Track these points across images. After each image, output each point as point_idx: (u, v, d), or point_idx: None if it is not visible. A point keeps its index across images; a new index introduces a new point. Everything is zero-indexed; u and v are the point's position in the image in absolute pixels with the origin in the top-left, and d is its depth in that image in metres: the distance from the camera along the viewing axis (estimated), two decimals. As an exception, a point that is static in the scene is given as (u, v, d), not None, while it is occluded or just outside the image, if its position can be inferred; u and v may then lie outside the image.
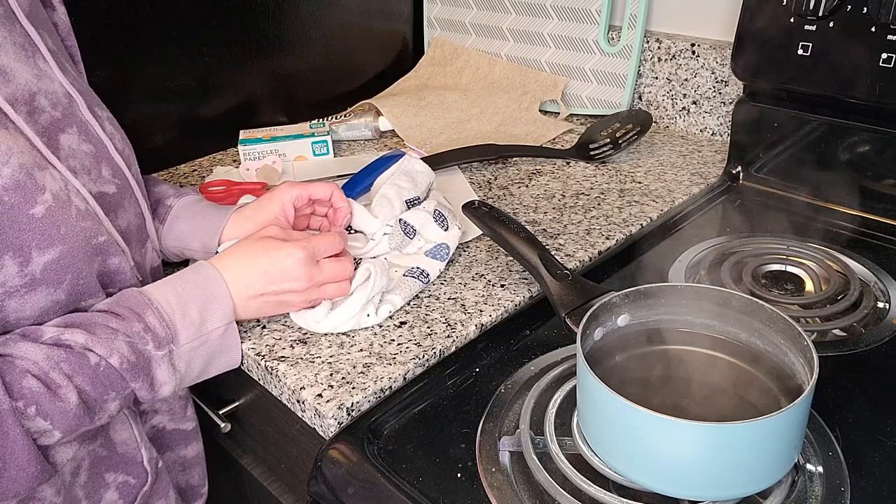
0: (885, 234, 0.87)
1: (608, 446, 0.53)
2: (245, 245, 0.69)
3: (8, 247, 0.54)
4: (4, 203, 0.54)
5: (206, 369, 0.66)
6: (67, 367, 0.56)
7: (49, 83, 0.62)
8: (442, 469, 0.58)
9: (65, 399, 0.55)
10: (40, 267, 0.56)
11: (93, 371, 0.57)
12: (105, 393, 0.58)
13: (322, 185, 0.79)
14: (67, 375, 0.55)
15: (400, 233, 0.81)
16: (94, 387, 0.57)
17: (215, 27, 1.13)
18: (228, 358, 0.67)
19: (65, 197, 0.58)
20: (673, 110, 1.20)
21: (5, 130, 0.56)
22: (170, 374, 0.61)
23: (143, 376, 0.60)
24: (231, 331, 0.66)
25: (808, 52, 0.86)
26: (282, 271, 0.67)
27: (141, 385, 0.60)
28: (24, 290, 0.56)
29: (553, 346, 0.70)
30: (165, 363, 0.61)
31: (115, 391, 0.58)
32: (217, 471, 0.86)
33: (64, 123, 0.62)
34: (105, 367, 0.57)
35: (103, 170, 0.65)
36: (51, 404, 0.54)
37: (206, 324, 0.64)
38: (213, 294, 0.65)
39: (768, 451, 0.49)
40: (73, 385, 0.56)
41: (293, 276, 0.68)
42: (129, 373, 0.58)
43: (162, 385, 0.61)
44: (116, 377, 0.58)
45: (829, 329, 0.72)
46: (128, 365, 0.58)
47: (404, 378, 0.68)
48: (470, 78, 1.36)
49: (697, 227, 0.92)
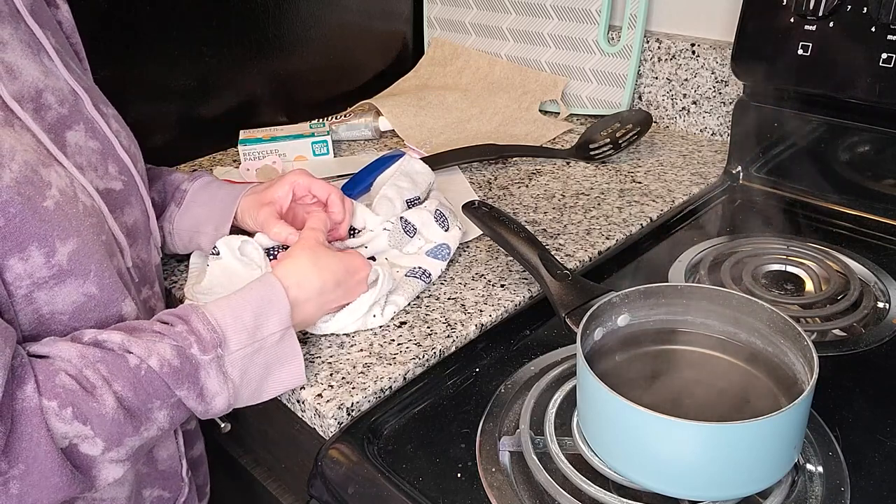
0: (885, 234, 0.87)
1: (608, 446, 0.53)
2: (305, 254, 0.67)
3: (32, 237, 0.54)
4: (23, 195, 0.53)
5: (266, 383, 0.62)
6: (105, 368, 0.53)
7: (55, 80, 0.62)
8: (442, 469, 0.57)
9: (101, 401, 0.52)
10: (66, 257, 0.56)
11: (133, 374, 0.54)
12: (149, 400, 0.55)
13: (325, 185, 0.79)
14: (104, 378, 0.53)
15: (400, 230, 0.81)
16: (137, 393, 0.54)
17: (215, 27, 1.13)
18: (290, 371, 0.63)
19: (71, 193, 0.58)
20: (673, 110, 1.20)
21: (10, 128, 0.56)
22: (221, 383, 0.58)
23: (190, 384, 0.56)
24: (289, 337, 0.62)
25: (808, 52, 0.86)
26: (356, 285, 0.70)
27: (188, 394, 0.56)
28: (54, 282, 0.56)
29: (553, 346, 0.70)
30: (214, 370, 0.57)
31: (159, 399, 0.55)
32: (217, 471, 0.86)
33: (71, 120, 0.62)
34: (146, 370, 0.54)
35: (110, 167, 0.65)
36: (86, 406, 0.51)
37: (262, 328, 0.60)
38: (269, 299, 0.62)
39: (768, 451, 0.49)
40: (111, 389, 0.53)
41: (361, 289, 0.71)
42: (172, 378, 0.55)
43: (214, 396, 0.58)
44: (159, 383, 0.55)
45: (829, 329, 0.72)
46: (169, 369, 0.55)
47: (404, 378, 0.68)
48: (470, 78, 1.36)
49: (697, 227, 0.92)
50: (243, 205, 0.78)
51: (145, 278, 0.70)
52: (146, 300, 0.70)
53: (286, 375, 0.63)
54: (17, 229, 0.53)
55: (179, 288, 0.81)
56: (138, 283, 0.68)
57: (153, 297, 0.71)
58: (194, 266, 0.81)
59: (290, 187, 0.78)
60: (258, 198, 0.78)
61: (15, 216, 0.53)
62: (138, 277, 0.68)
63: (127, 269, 0.66)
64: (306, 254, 0.67)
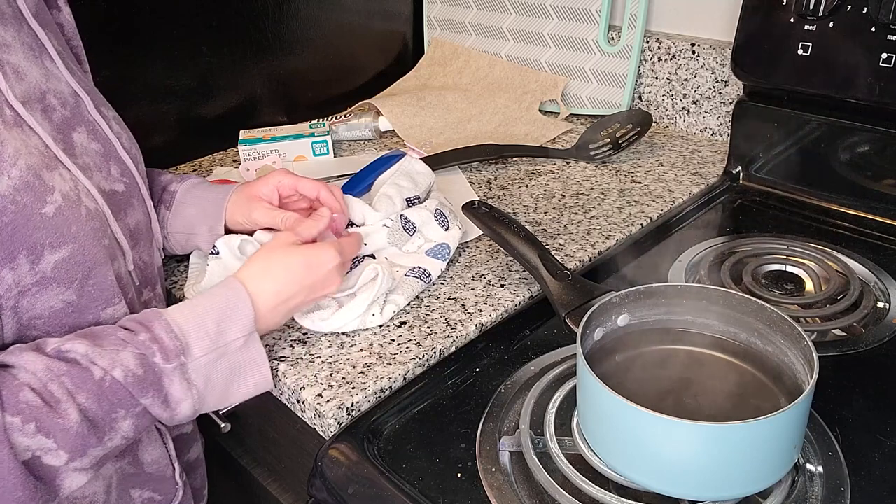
0: (885, 234, 0.87)
1: (608, 446, 0.53)
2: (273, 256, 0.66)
3: (22, 246, 0.54)
4: (18, 203, 0.53)
5: (231, 388, 0.62)
6: (70, 381, 0.53)
7: (57, 83, 0.62)
8: (442, 469, 0.57)
9: (64, 416, 0.52)
10: (51, 265, 0.56)
11: (97, 387, 0.54)
12: (112, 411, 0.55)
13: (312, 182, 0.78)
14: (69, 391, 0.53)
15: (399, 228, 0.81)
16: (100, 404, 0.54)
17: (215, 27, 1.13)
18: (256, 377, 0.63)
19: (75, 197, 0.58)
20: (673, 110, 1.20)
21: (18, 130, 0.56)
22: (185, 390, 0.58)
23: (154, 391, 0.56)
24: (253, 343, 0.62)
25: (808, 52, 0.86)
26: (323, 278, 0.67)
27: (153, 401, 0.56)
28: (36, 289, 0.56)
29: (553, 346, 0.70)
30: (178, 377, 0.57)
31: (123, 409, 0.55)
32: (217, 471, 0.86)
33: (74, 122, 0.62)
34: (110, 381, 0.54)
35: (112, 168, 0.65)
36: (49, 420, 0.51)
37: (224, 335, 0.60)
38: (232, 305, 0.62)
39: (768, 451, 0.49)
40: (75, 402, 0.53)
41: (332, 280, 0.68)
42: (136, 387, 0.55)
43: (179, 403, 0.58)
44: (123, 393, 0.55)
45: (829, 329, 0.72)
46: (133, 379, 0.55)
47: (404, 378, 0.68)
48: (470, 78, 1.36)
49: (697, 227, 0.92)
50: (232, 204, 0.78)
51: (147, 280, 0.69)
52: (147, 302, 0.70)
53: (252, 380, 0.63)
54: (8, 239, 0.53)
55: (179, 288, 0.81)
56: (139, 286, 0.68)
57: (155, 299, 0.71)
58: (194, 266, 0.81)
59: (274, 186, 0.78)
60: (245, 195, 0.78)
61: (7, 225, 0.53)
62: (140, 280, 0.68)
63: (128, 272, 0.65)
64: (268, 255, 0.67)
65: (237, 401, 0.63)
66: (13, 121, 0.56)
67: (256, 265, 0.66)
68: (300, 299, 0.67)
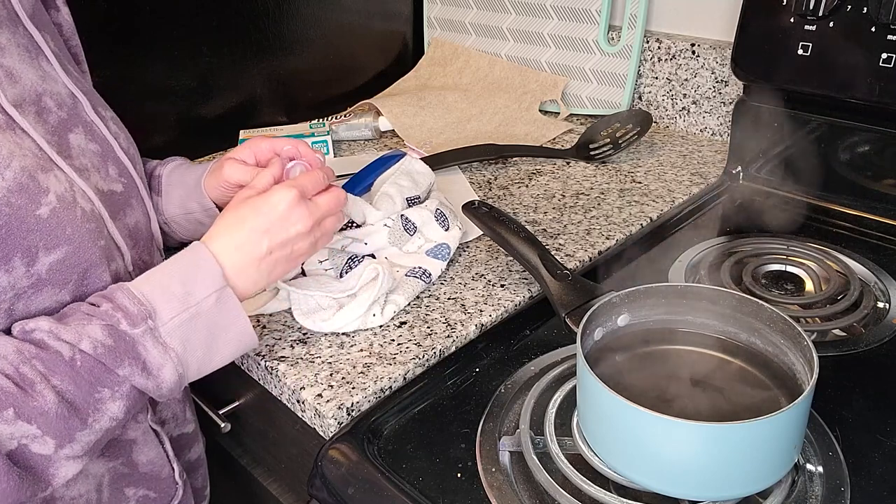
0: (885, 234, 0.87)
1: (608, 446, 0.53)
2: (230, 213, 0.65)
3: (17, 248, 0.54)
4: (12, 205, 0.53)
5: (214, 347, 0.60)
6: (41, 364, 0.52)
7: (53, 84, 0.62)
8: (442, 469, 0.57)
9: (40, 398, 0.51)
10: (46, 267, 0.56)
11: (69, 367, 0.53)
12: (93, 390, 0.54)
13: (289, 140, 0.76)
14: (42, 374, 0.52)
15: (400, 228, 0.81)
16: (78, 384, 0.53)
17: (215, 27, 1.13)
18: (238, 334, 0.61)
19: (70, 198, 0.58)
20: (673, 110, 1.20)
21: (11, 132, 0.56)
22: (162, 353, 0.56)
23: (131, 359, 0.55)
24: (226, 299, 0.60)
25: (808, 52, 0.86)
26: (281, 218, 0.64)
27: (132, 370, 0.55)
28: (31, 291, 0.56)
29: (553, 346, 0.70)
30: (150, 341, 0.56)
31: (105, 386, 0.54)
32: (217, 471, 0.86)
33: (70, 124, 0.62)
34: (81, 358, 0.53)
35: (110, 169, 0.65)
36: (26, 404, 0.51)
37: (193, 294, 0.59)
38: (195, 265, 0.60)
39: (768, 451, 0.49)
40: (50, 384, 0.52)
41: (295, 217, 0.64)
42: (108, 358, 0.54)
43: (160, 368, 0.56)
44: (99, 368, 0.54)
45: (829, 329, 0.72)
46: (104, 349, 0.54)
47: (404, 378, 0.68)
48: (470, 78, 1.36)
49: (697, 227, 0.92)
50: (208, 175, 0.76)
51: None
52: None
53: (235, 337, 0.61)
54: (3, 241, 0.53)
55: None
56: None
57: None
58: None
59: (251, 151, 0.76)
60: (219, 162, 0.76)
61: (1, 228, 0.53)
62: None
63: (128, 273, 0.65)
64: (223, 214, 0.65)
65: (223, 361, 0.62)
66: (6, 124, 0.56)
67: (215, 226, 0.64)
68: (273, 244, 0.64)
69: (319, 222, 0.67)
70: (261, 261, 0.63)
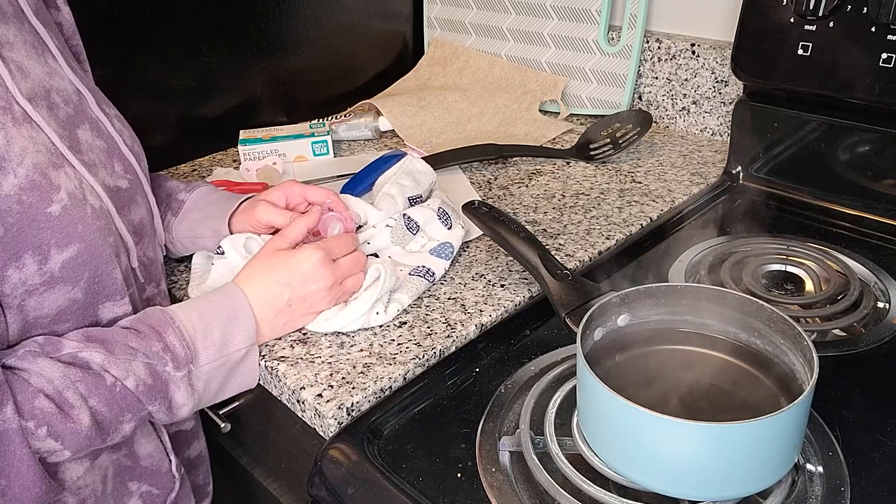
0: (885, 234, 0.87)
1: (608, 446, 0.53)
2: (260, 261, 0.68)
3: (28, 245, 0.54)
4: (23, 202, 0.54)
5: (223, 390, 0.65)
6: (84, 387, 0.55)
7: (60, 80, 0.62)
8: (442, 469, 0.57)
9: (77, 420, 0.54)
10: (59, 265, 0.56)
11: (109, 392, 0.56)
12: (121, 414, 0.57)
13: (322, 190, 0.79)
14: (83, 396, 0.55)
15: (402, 227, 0.81)
16: (111, 408, 0.56)
17: (215, 27, 1.13)
18: (245, 379, 0.67)
19: (80, 195, 0.58)
20: (673, 110, 1.20)
21: (28, 126, 0.56)
22: (188, 395, 0.61)
23: (161, 398, 0.59)
24: (252, 353, 0.66)
25: (808, 52, 0.86)
26: (304, 275, 0.68)
27: (158, 408, 0.59)
28: (44, 289, 0.56)
29: (553, 346, 0.70)
30: (184, 384, 0.60)
31: (130, 413, 0.58)
32: (217, 471, 0.86)
33: (78, 120, 0.62)
34: (121, 388, 0.57)
35: (115, 166, 0.65)
36: (62, 425, 0.54)
37: (228, 345, 0.63)
38: (236, 315, 0.64)
39: (768, 451, 0.49)
40: (88, 406, 0.55)
41: (317, 277, 0.68)
42: (145, 395, 0.58)
43: (180, 407, 0.61)
44: (133, 399, 0.57)
45: (829, 329, 0.72)
46: (144, 388, 0.58)
47: (404, 378, 0.68)
48: (470, 78, 1.36)
49: (697, 227, 0.92)
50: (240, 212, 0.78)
51: (151, 276, 0.70)
52: (151, 298, 0.70)
53: (240, 384, 0.66)
54: (14, 238, 0.53)
55: (180, 288, 0.81)
56: (143, 283, 0.68)
57: (159, 296, 0.72)
58: (197, 266, 0.80)
59: (283, 193, 0.78)
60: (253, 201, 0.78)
61: (13, 225, 0.53)
62: (144, 276, 0.68)
63: (133, 269, 0.66)
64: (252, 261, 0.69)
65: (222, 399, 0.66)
66: (22, 118, 0.56)
67: (243, 272, 0.68)
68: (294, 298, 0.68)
69: (340, 282, 0.71)
70: (280, 312, 0.68)
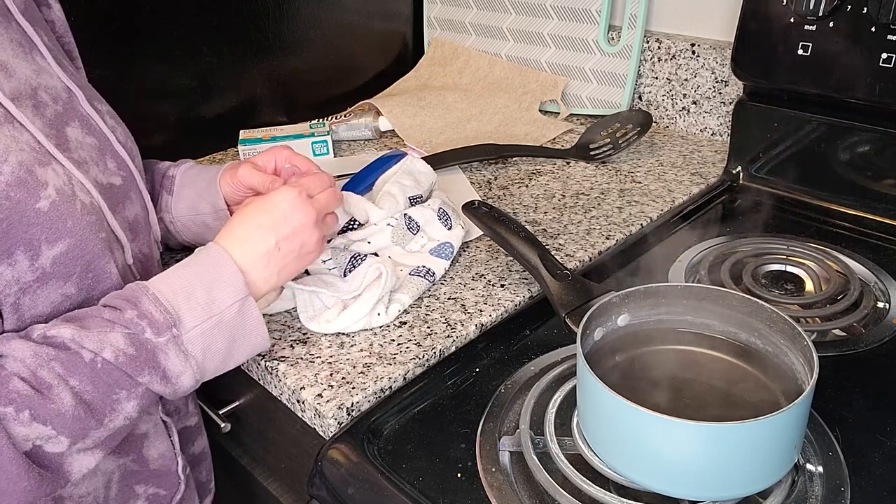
0: (885, 234, 0.87)
1: (608, 446, 0.53)
2: (237, 216, 0.66)
3: (19, 241, 0.54)
4: (11, 199, 0.53)
5: (231, 354, 0.62)
6: (59, 366, 0.53)
7: (48, 78, 0.62)
8: (442, 469, 0.57)
9: (57, 400, 0.52)
10: (50, 260, 0.56)
11: (90, 369, 0.54)
12: (111, 392, 0.55)
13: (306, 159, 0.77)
14: (59, 375, 0.53)
15: (403, 227, 0.81)
16: (96, 386, 0.54)
17: (215, 27, 1.13)
18: (254, 340, 0.63)
19: (69, 192, 0.58)
20: (673, 110, 1.20)
21: (9, 126, 0.56)
22: (182, 361, 0.57)
23: (151, 369, 0.56)
24: (248, 308, 0.62)
25: (808, 52, 0.86)
26: (284, 213, 0.65)
27: (151, 378, 0.56)
28: (37, 285, 0.56)
29: (553, 346, 0.70)
30: (173, 350, 0.57)
31: (123, 389, 0.55)
32: (217, 471, 0.86)
33: (67, 117, 0.62)
34: (102, 363, 0.54)
35: (108, 162, 0.65)
36: (43, 407, 0.51)
37: (216, 303, 0.60)
38: (218, 272, 0.61)
39: (768, 451, 0.49)
40: (68, 386, 0.53)
41: (297, 213, 0.66)
42: (130, 367, 0.55)
43: (178, 375, 0.57)
44: (119, 374, 0.55)
45: (829, 329, 0.72)
46: (125, 358, 0.55)
47: (404, 378, 0.68)
48: (470, 78, 1.36)
49: (697, 227, 0.92)
50: (223, 175, 0.77)
51: (147, 273, 0.69)
52: None
53: (250, 346, 0.63)
54: (5, 234, 0.53)
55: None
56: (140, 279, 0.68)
57: None
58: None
59: (271, 156, 0.77)
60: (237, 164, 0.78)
61: (3, 221, 0.53)
62: (140, 273, 0.68)
63: (128, 266, 0.66)
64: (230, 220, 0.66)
65: (238, 363, 0.63)
66: (3, 118, 0.56)
67: (224, 229, 0.65)
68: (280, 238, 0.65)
69: (322, 218, 0.69)
70: (269, 257, 0.64)
